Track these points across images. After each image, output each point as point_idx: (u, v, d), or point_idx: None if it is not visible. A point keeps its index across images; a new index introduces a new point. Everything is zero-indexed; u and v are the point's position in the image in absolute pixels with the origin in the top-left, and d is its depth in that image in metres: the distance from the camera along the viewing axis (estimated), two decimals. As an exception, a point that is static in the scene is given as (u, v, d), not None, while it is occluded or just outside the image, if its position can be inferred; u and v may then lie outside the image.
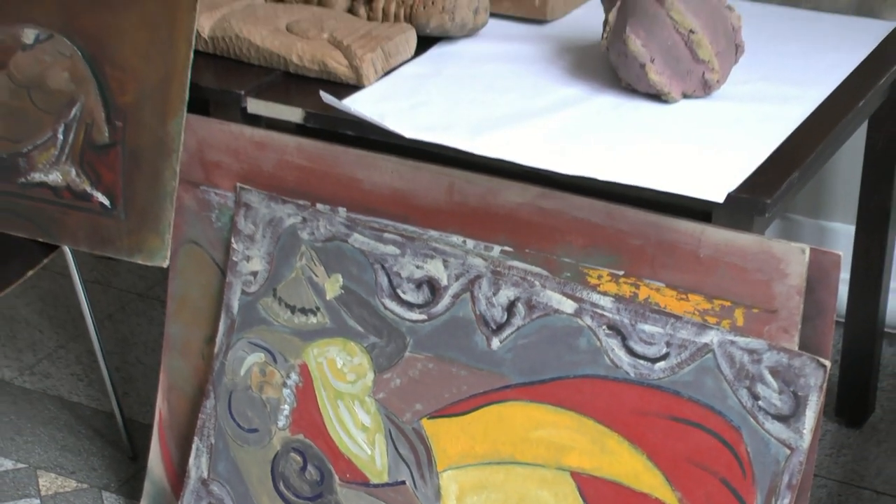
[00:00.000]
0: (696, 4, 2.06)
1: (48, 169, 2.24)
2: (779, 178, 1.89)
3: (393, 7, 2.30)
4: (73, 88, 2.22)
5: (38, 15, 2.23)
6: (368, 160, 2.07)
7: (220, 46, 2.28)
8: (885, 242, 2.48)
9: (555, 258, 1.97)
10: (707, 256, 1.87)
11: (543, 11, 2.37)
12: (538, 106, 2.11)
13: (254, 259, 2.16)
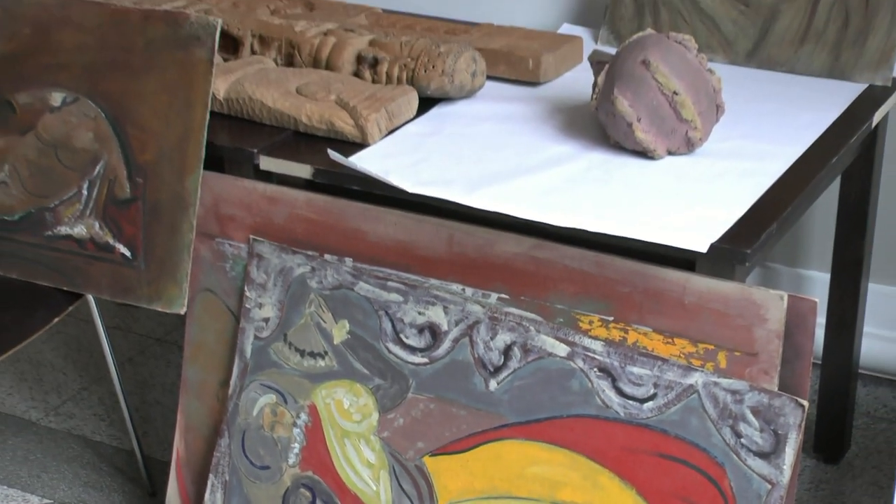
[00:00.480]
0: (679, 68, 2.06)
1: (73, 222, 2.25)
2: (758, 230, 1.90)
3: (396, 70, 2.31)
4: (97, 147, 2.22)
5: (65, 79, 2.24)
6: (373, 213, 2.07)
7: (235, 108, 2.28)
8: (858, 289, 2.48)
9: (548, 305, 1.97)
10: (692, 303, 1.87)
11: (536, 74, 2.38)
12: (532, 162, 2.11)
13: (266, 306, 2.16)
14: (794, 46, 2.43)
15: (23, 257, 2.28)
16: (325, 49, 2.37)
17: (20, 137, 2.28)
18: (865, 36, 2.38)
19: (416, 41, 2.33)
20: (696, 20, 2.50)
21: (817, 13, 2.42)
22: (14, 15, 2.29)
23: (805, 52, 2.42)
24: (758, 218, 1.93)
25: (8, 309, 2.25)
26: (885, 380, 2.75)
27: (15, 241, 2.29)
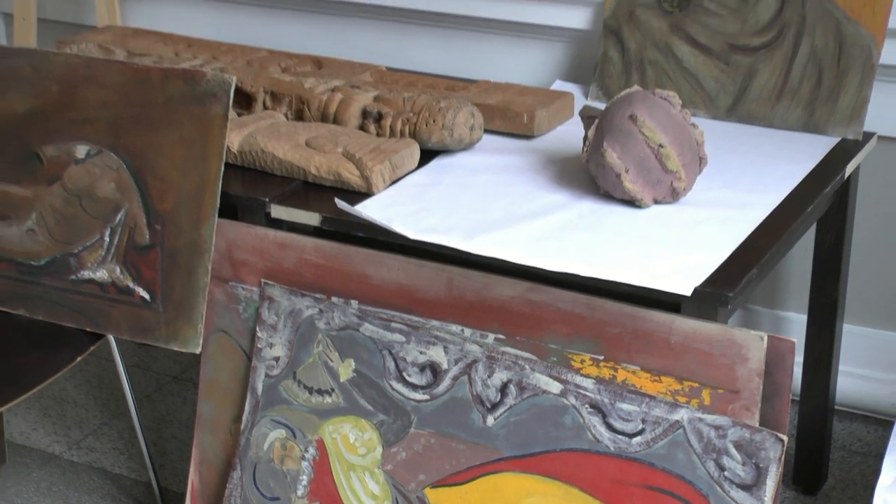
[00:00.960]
0: (664, 122, 2.07)
1: (96, 267, 2.25)
2: (739, 274, 1.90)
3: (399, 124, 2.31)
4: (119, 197, 2.22)
5: (90, 133, 2.25)
6: (377, 258, 2.07)
7: (248, 159, 2.29)
8: (833, 330, 2.48)
9: (542, 345, 1.96)
10: (677, 343, 1.87)
11: (531, 128, 2.39)
12: (527, 211, 2.11)
13: (276, 346, 2.16)
14: (772, 103, 2.44)
15: (48, 300, 2.28)
16: (333, 104, 2.38)
17: (47, 187, 2.28)
18: (837, 93, 2.39)
19: (418, 97, 2.34)
20: (679, 78, 2.51)
21: (792, 72, 2.43)
22: (43, 73, 2.30)
23: (781, 107, 2.43)
24: (739, 263, 1.93)
25: (34, 348, 2.25)
26: (859, 415, 2.74)
27: (41, 284, 2.29)
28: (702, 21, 2.49)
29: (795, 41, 2.42)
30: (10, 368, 2.21)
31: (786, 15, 2.43)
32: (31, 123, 2.30)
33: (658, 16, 2.52)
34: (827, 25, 2.40)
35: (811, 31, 2.41)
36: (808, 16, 2.41)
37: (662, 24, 2.52)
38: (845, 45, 2.39)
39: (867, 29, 2.37)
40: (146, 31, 2.86)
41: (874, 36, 2.37)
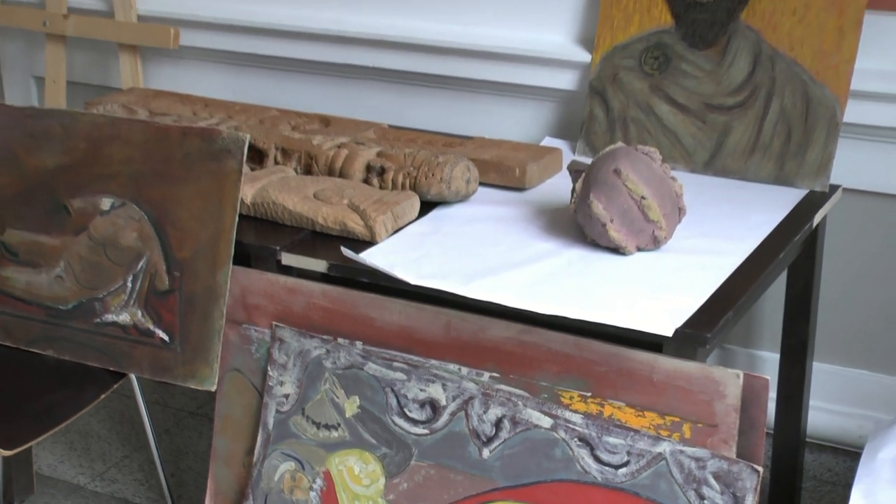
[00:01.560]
0: (646, 175, 2.07)
1: (119, 311, 2.24)
2: (716, 316, 1.90)
3: (400, 178, 2.31)
4: (141, 246, 2.22)
5: (114, 187, 2.25)
6: (380, 302, 2.07)
7: (260, 211, 2.29)
8: (804, 368, 2.47)
9: (534, 382, 1.96)
10: (659, 381, 1.86)
11: (522, 181, 2.39)
12: (519, 258, 2.11)
13: (286, 384, 2.15)
14: (745, 157, 2.45)
15: (75, 341, 2.28)
16: (339, 160, 2.38)
17: (74, 237, 2.28)
18: (805, 149, 2.39)
19: (418, 152, 2.34)
20: (659, 134, 2.51)
21: (764, 129, 2.43)
22: (71, 132, 2.30)
23: (754, 162, 2.44)
24: (716, 306, 1.93)
25: (61, 387, 2.24)
26: (829, 447, 2.73)
27: (68, 327, 2.28)
28: (680, 82, 2.50)
29: (766, 101, 2.43)
30: (39, 405, 2.20)
31: (757, 77, 2.44)
32: (60, 178, 2.30)
33: (639, 78, 2.53)
34: (795, 87, 2.41)
35: (780, 93, 2.42)
36: (778, 78, 2.42)
37: (643, 86, 2.53)
38: (812, 106, 2.39)
39: (832, 91, 2.38)
40: (166, 93, 2.87)
41: (838, 97, 2.37)
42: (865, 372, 2.61)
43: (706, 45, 2.48)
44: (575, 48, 2.63)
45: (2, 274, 2.34)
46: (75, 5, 3.11)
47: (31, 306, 2.32)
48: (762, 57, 2.43)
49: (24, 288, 2.32)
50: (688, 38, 2.49)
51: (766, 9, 2.43)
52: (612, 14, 2.56)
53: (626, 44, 2.55)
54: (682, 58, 2.49)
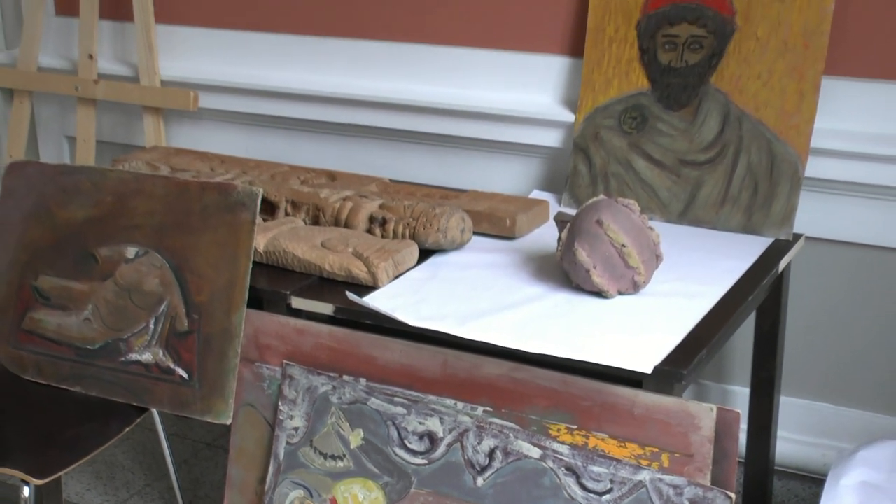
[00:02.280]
0: (626, 225, 2.07)
1: (142, 351, 2.23)
2: (691, 355, 1.89)
3: (400, 228, 2.31)
4: (162, 291, 2.22)
5: (139, 237, 2.25)
6: (382, 342, 2.06)
7: (272, 258, 2.28)
8: (772, 401, 2.46)
9: (524, 416, 1.94)
10: (640, 414, 1.85)
11: (513, 230, 2.39)
12: (510, 301, 2.11)
13: (295, 418, 2.13)
14: (716, 209, 2.45)
15: (101, 379, 2.27)
16: (344, 211, 2.38)
17: (101, 283, 2.28)
18: (771, 201, 2.40)
19: (417, 204, 2.34)
20: (638, 188, 2.52)
21: (733, 183, 2.43)
22: (100, 187, 2.30)
23: (724, 213, 2.44)
24: (691, 345, 1.93)
25: (89, 420, 2.22)
26: (796, 475, 2.71)
27: (95, 365, 2.27)
28: (656, 140, 2.51)
29: (735, 158, 2.44)
30: (68, 438, 2.19)
31: (726, 135, 2.44)
32: (89, 229, 2.30)
33: (619, 136, 2.54)
34: (760, 145, 2.41)
35: (748, 150, 2.42)
36: (745, 136, 2.43)
37: (623, 143, 2.54)
38: (776, 162, 2.40)
39: (794, 148, 2.38)
40: (186, 150, 2.88)
41: (799, 154, 2.38)
42: (829, 405, 2.60)
43: (679, 106, 2.48)
44: (560, 109, 2.64)
45: (35, 317, 2.33)
46: (104, 71, 3.12)
47: (62, 346, 2.31)
48: (730, 117, 2.44)
49: (55, 329, 2.31)
50: (663, 100, 2.50)
51: (733, 74, 2.44)
52: (594, 78, 2.57)
53: (607, 105, 2.55)
54: (658, 118, 2.50)
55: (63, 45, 3.23)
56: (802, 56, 2.38)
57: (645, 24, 2.51)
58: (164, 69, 3.06)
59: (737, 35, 2.43)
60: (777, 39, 2.40)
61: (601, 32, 2.56)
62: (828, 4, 2.36)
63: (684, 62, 2.47)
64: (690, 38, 2.47)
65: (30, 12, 3.15)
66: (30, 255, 2.35)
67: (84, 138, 3.15)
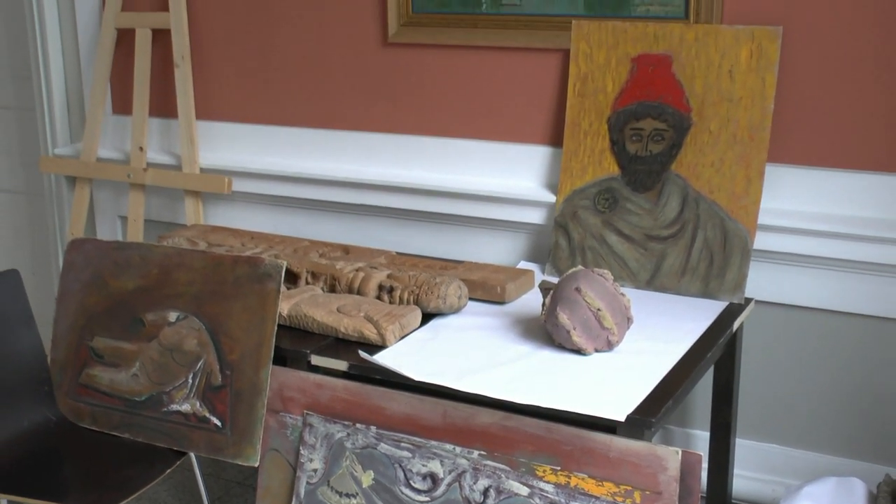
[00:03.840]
0: (601, 292, 2.06)
1: (181, 402, 2.20)
2: (659, 405, 1.87)
3: (406, 295, 2.29)
4: (200, 350, 2.19)
5: (179, 304, 2.23)
6: (390, 395, 2.03)
7: (294, 322, 2.26)
8: (729, 444, 2.43)
9: (514, 459, 1.91)
10: (615, 457, 1.82)
11: (503, 297, 2.37)
12: (501, 359, 2.08)
13: (315, 460, 2.10)
14: (678, 277, 2.43)
15: (147, 427, 2.24)
16: (357, 281, 2.37)
17: (147, 343, 2.26)
18: (725, 270, 2.38)
19: (420, 274, 2.33)
20: (610, 259, 2.50)
21: (692, 255, 2.42)
22: (147, 260, 2.29)
23: (685, 280, 2.42)
24: (659, 396, 1.90)
25: (136, 463, 2.19)
26: (750, 507, 2.68)
27: (141, 415, 2.24)
28: (625, 218, 2.50)
29: (693, 233, 2.42)
30: (118, 478, 2.15)
31: (685, 215, 2.44)
32: (137, 297, 2.28)
33: (594, 214, 2.53)
34: (715, 222, 2.41)
35: (704, 226, 2.42)
36: (702, 216, 2.42)
37: (597, 221, 2.53)
38: (728, 237, 2.39)
39: (743, 225, 2.38)
40: (221, 228, 2.87)
41: (748, 230, 2.37)
42: (778, 446, 2.57)
43: (645, 189, 2.48)
44: (543, 191, 2.64)
45: (91, 372, 2.31)
46: (152, 161, 3.13)
47: (113, 398, 2.28)
48: (689, 199, 2.44)
49: (107, 384, 2.29)
50: (631, 184, 2.49)
51: (690, 162, 2.44)
52: (572, 166, 2.57)
53: (583, 188, 2.55)
54: (627, 199, 2.50)
55: (118, 139, 3.24)
56: (749, 147, 2.38)
57: (615, 119, 2.52)
58: (203, 158, 3.06)
59: (693, 129, 2.44)
60: (727, 133, 2.40)
61: (577, 126, 2.56)
62: (769, 104, 2.36)
63: (649, 151, 2.47)
64: (654, 131, 2.47)
65: (91, 112, 3.16)
66: (87, 319, 2.33)
67: (134, 218, 3.14)
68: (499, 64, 2.67)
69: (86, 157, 3.18)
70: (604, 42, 2.51)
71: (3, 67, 3.54)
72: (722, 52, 2.39)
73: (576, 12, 2.55)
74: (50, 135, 3.33)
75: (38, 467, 2.20)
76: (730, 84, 2.39)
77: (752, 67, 2.37)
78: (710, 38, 2.40)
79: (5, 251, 3.74)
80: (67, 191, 3.37)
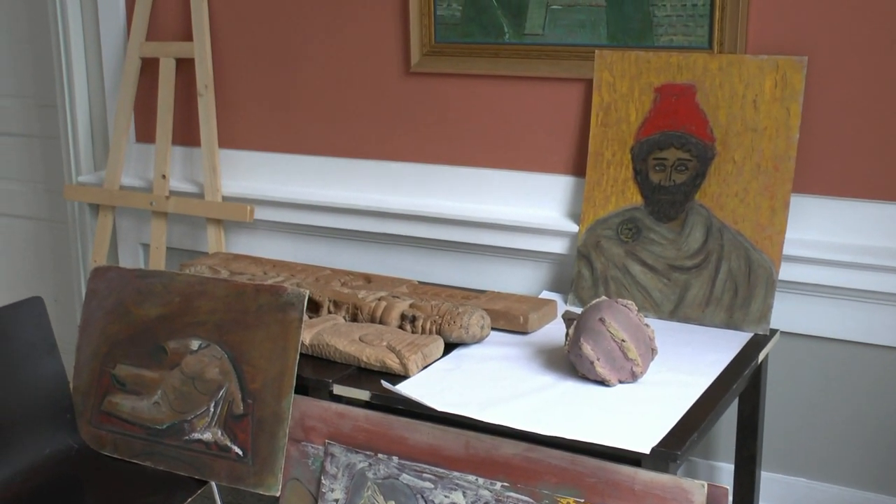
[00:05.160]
0: (625, 323, 2.05)
1: (203, 431, 2.20)
2: (684, 437, 1.85)
3: (428, 325, 2.29)
4: (221, 379, 2.19)
5: (201, 332, 2.23)
6: (412, 425, 2.02)
7: (317, 351, 2.26)
8: (754, 476, 2.41)
9: (537, 490, 1.90)
10: (639, 490, 1.81)
11: (525, 327, 2.37)
12: (524, 389, 2.08)
13: (336, 490, 2.09)
14: (702, 307, 2.42)
15: (167, 455, 2.23)
16: (379, 310, 2.37)
17: (169, 371, 2.26)
18: (749, 301, 2.37)
19: (442, 304, 2.33)
20: (633, 289, 2.50)
21: (716, 286, 2.41)
22: (169, 288, 2.30)
23: (709, 311, 2.41)
24: (684, 428, 1.89)
25: (157, 491, 2.19)
26: (775, 542, 2.65)
27: (163, 443, 2.24)
28: (649, 248, 2.49)
29: (717, 264, 2.42)
30: (138, 508, 2.16)
31: (710, 245, 2.43)
32: (159, 325, 2.29)
33: (617, 244, 2.53)
34: (739, 253, 2.40)
35: (728, 257, 2.41)
36: (726, 246, 2.41)
37: (620, 251, 2.52)
38: (753, 267, 2.38)
39: (768, 256, 2.37)
40: (243, 256, 2.88)
41: (773, 261, 2.36)
42: (804, 480, 2.54)
43: (669, 219, 2.47)
44: (565, 221, 2.64)
45: (113, 400, 2.31)
46: (175, 189, 3.15)
47: (134, 426, 2.28)
48: (713, 229, 2.43)
49: (129, 412, 2.29)
50: (654, 214, 2.49)
51: (714, 192, 2.43)
52: (595, 195, 2.57)
53: (606, 218, 2.55)
54: (651, 229, 2.49)
55: (141, 167, 3.26)
56: (773, 177, 2.38)
57: (638, 149, 2.52)
58: (225, 187, 3.08)
59: (717, 159, 2.43)
60: (751, 163, 2.40)
61: (600, 156, 2.56)
62: (794, 133, 2.36)
63: (672, 181, 2.47)
64: (677, 161, 2.47)
65: (115, 140, 3.19)
66: (109, 346, 2.34)
67: (157, 245, 3.16)
68: (521, 93, 2.68)
69: (109, 185, 3.21)
70: (627, 72, 2.52)
71: (28, 96, 3.58)
72: (746, 82, 2.39)
73: (599, 42, 2.56)
74: (74, 163, 3.36)
75: (59, 495, 2.20)
76: (754, 114, 2.39)
77: (776, 97, 2.37)
78: (734, 67, 2.41)
79: (29, 278, 3.76)
80: (90, 218, 3.39)
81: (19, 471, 2.22)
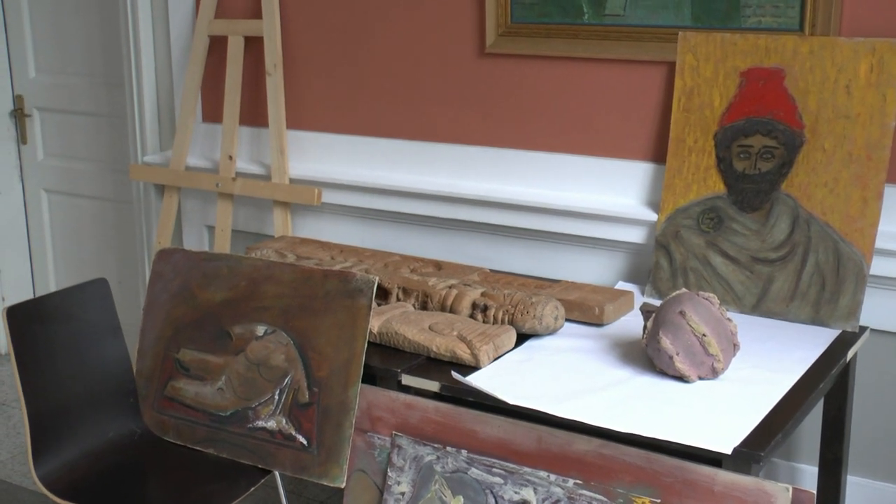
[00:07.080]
0: (706, 317, 2.02)
1: (267, 419, 2.22)
2: (768, 438, 1.82)
3: (500, 314, 2.28)
4: (287, 366, 2.21)
5: (267, 318, 2.25)
6: (483, 418, 2.02)
7: (385, 339, 2.27)
8: (840, 481, 2.36)
9: (611, 489, 1.88)
10: (719, 491, 1.78)
11: (601, 318, 2.34)
12: (599, 383, 2.06)
13: (402, 483, 2.10)
14: (786, 302, 2.38)
15: (231, 443, 2.26)
16: (450, 298, 2.36)
17: (234, 357, 2.28)
18: (837, 296, 2.32)
19: (515, 293, 2.31)
20: (714, 282, 2.46)
21: (802, 279, 2.36)
22: (235, 272, 2.32)
23: (794, 306, 2.37)
24: (767, 428, 1.86)
25: (220, 479, 2.21)
26: (860, 550, 2.59)
27: (226, 430, 2.26)
28: (731, 239, 2.45)
29: (804, 256, 2.37)
30: (203, 494, 2.18)
31: (796, 236, 2.38)
32: (224, 309, 2.31)
33: (697, 234, 2.49)
34: (827, 245, 2.34)
35: (816, 249, 2.36)
36: (813, 238, 2.36)
37: (701, 241, 2.48)
38: (842, 261, 2.33)
39: (858, 249, 2.31)
40: (310, 240, 2.89)
41: (864, 254, 2.31)
42: (891, 485, 2.48)
43: (753, 209, 2.43)
44: (644, 209, 2.60)
45: (176, 385, 2.34)
46: (241, 170, 3.17)
47: (198, 412, 2.31)
48: (799, 220, 2.38)
49: (192, 397, 2.32)
50: (738, 203, 2.45)
51: (802, 181, 2.38)
52: (675, 183, 2.53)
53: (686, 207, 2.51)
54: (733, 219, 2.45)
55: (208, 147, 3.29)
56: (866, 167, 2.32)
57: (721, 136, 2.47)
58: (292, 169, 3.10)
59: (805, 147, 2.38)
60: (842, 151, 2.34)
61: (682, 143, 2.52)
62: (889, 121, 2.30)
63: (757, 170, 2.43)
64: (763, 148, 2.42)
65: (182, 120, 3.22)
66: (174, 330, 2.37)
67: (222, 228, 3.19)
68: (600, 76, 2.65)
69: (175, 166, 3.25)
70: (711, 55, 2.47)
71: (96, 75, 3.64)
72: (839, 66, 2.34)
73: (682, 23, 2.51)
74: (140, 143, 3.41)
75: (121, 480, 2.23)
76: (847, 100, 2.33)
77: (871, 83, 2.31)
78: (826, 51, 2.35)
79: (93, 259, 3.83)
80: (156, 199, 3.44)
81: (83, 453, 2.26)
